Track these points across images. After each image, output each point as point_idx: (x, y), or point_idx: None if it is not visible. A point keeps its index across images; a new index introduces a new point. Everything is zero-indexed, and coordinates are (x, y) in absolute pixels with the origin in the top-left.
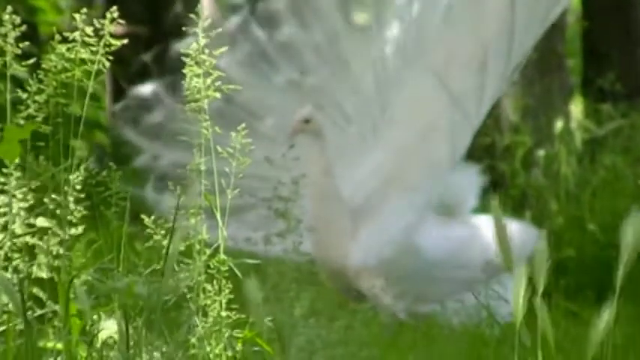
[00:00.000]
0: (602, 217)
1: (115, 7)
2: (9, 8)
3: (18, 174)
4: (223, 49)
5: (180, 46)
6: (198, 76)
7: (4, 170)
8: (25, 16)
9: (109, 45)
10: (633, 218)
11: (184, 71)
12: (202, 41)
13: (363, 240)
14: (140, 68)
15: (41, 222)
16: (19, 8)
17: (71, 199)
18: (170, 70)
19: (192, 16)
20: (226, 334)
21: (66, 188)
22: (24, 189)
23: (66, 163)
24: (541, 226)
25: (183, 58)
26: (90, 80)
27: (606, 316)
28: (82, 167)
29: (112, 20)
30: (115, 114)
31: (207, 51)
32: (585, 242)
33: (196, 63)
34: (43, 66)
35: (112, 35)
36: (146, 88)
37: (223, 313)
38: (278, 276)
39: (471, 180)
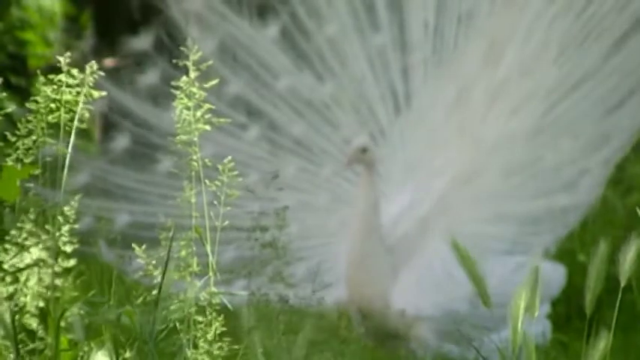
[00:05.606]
0: (592, 248)
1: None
2: None
3: (31, 226)
4: (215, 81)
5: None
6: (188, 108)
7: (19, 224)
8: (14, 49)
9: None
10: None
11: (174, 104)
12: (193, 74)
13: (407, 283)
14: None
15: (34, 252)
16: (8, 41)
17: (66, 228)
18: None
19: (182, 48)
20: None
21: (60, 219)
22: (36, 240)
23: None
24: None
25: (174, 91)
26: (74, 121)
27: (600, 347)
28: (75, 198)
29: (92, 73)
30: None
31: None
32: (575, 273)
33: (186, 96)
34: (31, 107)
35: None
36: (140, 42)
37: (214, 345)
38: (267, 308)
39: None
